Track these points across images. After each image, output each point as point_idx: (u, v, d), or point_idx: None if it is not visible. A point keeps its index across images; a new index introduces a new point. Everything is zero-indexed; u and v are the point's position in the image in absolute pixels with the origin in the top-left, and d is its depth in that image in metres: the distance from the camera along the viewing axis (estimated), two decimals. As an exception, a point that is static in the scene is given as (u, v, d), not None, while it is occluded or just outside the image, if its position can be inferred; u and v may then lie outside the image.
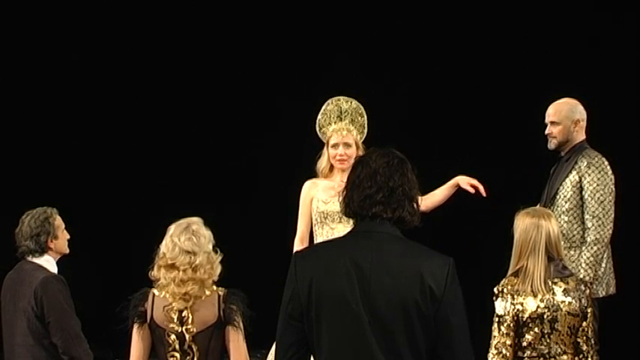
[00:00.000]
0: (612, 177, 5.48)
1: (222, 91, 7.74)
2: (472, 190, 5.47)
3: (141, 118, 7.71)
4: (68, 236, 5.02)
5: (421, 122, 7.42)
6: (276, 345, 3.04)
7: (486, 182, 5.51)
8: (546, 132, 5.69)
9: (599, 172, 5.46)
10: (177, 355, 4.09)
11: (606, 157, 5.57)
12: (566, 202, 5.53)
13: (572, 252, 5.46)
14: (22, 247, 4.91)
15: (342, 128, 5.47)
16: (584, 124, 5.65)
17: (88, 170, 7.68)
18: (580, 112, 5.65)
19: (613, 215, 5.47)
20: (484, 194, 5.46)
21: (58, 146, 7.64)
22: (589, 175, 5.47)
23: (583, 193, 5.48)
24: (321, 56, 7.51)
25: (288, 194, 5.90)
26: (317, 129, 5.58)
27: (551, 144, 5.68)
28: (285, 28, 7.65)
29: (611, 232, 5.46)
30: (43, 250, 4.90)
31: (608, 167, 5.49)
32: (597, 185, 5.45)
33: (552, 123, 5.66)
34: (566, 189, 5.52)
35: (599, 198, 5.44)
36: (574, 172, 5.51)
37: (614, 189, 5.48)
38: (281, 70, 7.63)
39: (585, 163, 5.49)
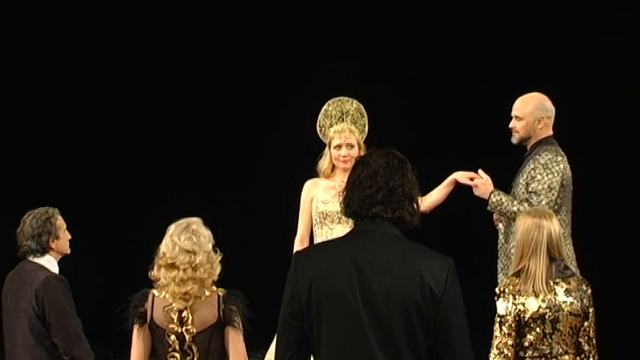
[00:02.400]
0: (558, 177, 5.22)
1: (221, 91, 7.73)
2: (471, 183, 5.40)
3: (141, 119, 7.71)
4: (69, 236, 5.01)
5: (420, 122, 7.42)
6: (276, 345, 3.04)
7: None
8: (510, 125, 5.45)
9: (544, 170, 5.23)
10: (178, 355, 4.09)
11: (570, 155, 5.35)
12: None
13: None
14: (24, 247, 4.90)
15: (344, 129, 5.45)
16: (550, 121, 5.39)
17: (89, 170, 7.68)
18: (546, 109, 5.38)
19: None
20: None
21: (58, 146, 7.64)
22: (534, 171, 5.25)
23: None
24: (320, 56, 7.51)
25: (288, 194, 5.90)
26: (317, 130, 5.55)
27: (514, 138, 5.45)
28: (284, 27, 7.65)
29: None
30: (44, 250, 4.89)
31: (558, 166, 5.25)
32: (539, 182, 5.22)
33: (516, 117, 5.41)
34: (519, 188, 5.34)
35: (535, 188, 5.23)
36: (526, 170, 5.32)
37: (556, 187, 5.22)
38: (280, 70, 7.62)
39: (536, 162, 5.26)
